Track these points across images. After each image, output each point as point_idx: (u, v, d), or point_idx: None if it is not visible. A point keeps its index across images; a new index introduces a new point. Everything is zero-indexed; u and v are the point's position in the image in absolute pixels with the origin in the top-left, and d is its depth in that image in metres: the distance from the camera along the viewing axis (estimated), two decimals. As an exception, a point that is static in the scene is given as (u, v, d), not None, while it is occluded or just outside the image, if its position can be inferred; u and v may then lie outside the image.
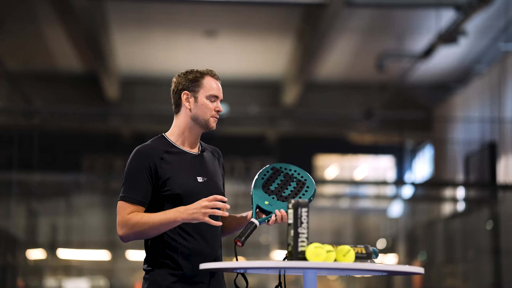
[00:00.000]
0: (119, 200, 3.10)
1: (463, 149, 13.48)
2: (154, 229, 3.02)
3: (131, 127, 15.29)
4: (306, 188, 3.16)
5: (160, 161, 3.11)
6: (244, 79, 14.51)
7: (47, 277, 14.11)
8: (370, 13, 11.39)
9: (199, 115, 3.20)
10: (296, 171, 3.21)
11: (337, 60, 13.33)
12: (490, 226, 11.89)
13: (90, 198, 14.41)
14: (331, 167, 16.75)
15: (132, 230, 3.03)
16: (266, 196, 3.16)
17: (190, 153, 3.21)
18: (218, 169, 3.28)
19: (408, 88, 14.21)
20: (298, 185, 3.17)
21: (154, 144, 3.17)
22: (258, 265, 2.77)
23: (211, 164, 3.25)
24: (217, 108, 3.22)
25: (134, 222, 3.03)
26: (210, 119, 3.21)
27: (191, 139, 3.22)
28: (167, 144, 3.18)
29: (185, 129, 3.21)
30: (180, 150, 3.18)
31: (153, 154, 3.12)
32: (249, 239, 3.16)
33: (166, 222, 3.01)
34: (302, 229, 2.78)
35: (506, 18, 11.10)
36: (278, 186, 3.17)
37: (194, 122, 3.20)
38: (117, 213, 3.09)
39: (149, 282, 3.10)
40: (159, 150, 3.13)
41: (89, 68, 13.72)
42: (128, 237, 3.06)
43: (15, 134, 12.80)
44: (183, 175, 3.13)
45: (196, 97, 3.20)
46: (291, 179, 3.19)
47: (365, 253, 2.85)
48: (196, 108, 3.20)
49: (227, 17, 11.88)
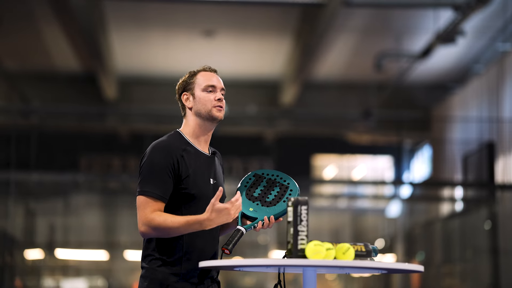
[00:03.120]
0: (139, 195, 3.07)
1: (461, 149, 13.48)
2: (175, 233, 3.04)
3: (129, 127, 15.28)
4: (289, 192, 3.18)
5: (181, 159, 3.12)
6: (242, 79, 14.51)
7: (45, 277, 14.09)
8: (368, 13, 11.39)
9: (201, 108, 3.22)
10: (279, 175, 3.22)
11: (335, 60, 13.33)
12: (488, 226, 11.89)
13: (88, 198, 14.39)
14: (329, 167, 16.75)
15: (154, 230, 3.03)
16: (250, 203, 3.17)
17: (204, 154, 3.23)
18: (221, 172, 3.32)
19: (406, 88, 14.21)
20: (281, 189, 3.19)
21: (173, 141, 3.17)
22: (258, 263, 2.77)
23: (218, 166, 3.29)
24: (216, 97, 3.23)
25: (157, 224, 3.02)
26: (212, 109, 3.22)
27: (203, 138, 3.24)
28: (184, 142, 3.19)
29: (195, 127, 3.23)
30: (196, 150, 3.20)
31: (175, 151, 3.13)
32: (247, 239, 3.17)
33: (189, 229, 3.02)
34: (301, 227, 2.78)
35: (504, 18, 11.10)
36: (262, 192, 3.19)
37: (199, 118, 3.22)
38: (138, 208, 3.07)
39: (149, 280, 3.09)
40: (179, 148, 3.14)
41: (87, 68, 13.71)
42: (149, 235, 3.07)
43: (13, 134, 12.79)
44: (199, 176, 3.15)
45: (194, 94, 3.24)
46: (274, 184, 3.20)
47: (365, 251, 2.85)
48: (196, 104, 3.23)
49: (225, 17, 11.88)
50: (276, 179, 3.22)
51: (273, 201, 3.16)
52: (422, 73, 13.44)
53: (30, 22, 11.91)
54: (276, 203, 3.17)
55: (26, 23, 11.91)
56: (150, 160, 3.11)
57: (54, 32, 12.07)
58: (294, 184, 3.21)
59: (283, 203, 3.16)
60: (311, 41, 11.82)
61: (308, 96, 14.66)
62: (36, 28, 12.12)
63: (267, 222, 3.13)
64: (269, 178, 3.22)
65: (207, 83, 3.24)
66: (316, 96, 14.82)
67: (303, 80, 13.77)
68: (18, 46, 12.88)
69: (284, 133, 15.78)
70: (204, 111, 3.21)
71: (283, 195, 3.18)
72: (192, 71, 3.29)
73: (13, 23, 11.84)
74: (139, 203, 3.07)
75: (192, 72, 3.29)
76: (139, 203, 3.07)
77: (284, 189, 3.19)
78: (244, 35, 12.70)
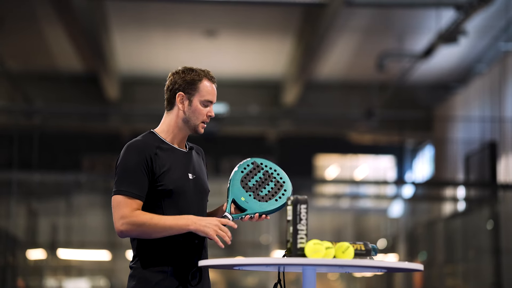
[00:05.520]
0: (115, 195, 3.05)
1: (464, 149, 13.47)
2: (161, 233, 3.02)
3: (131, 127, 15.28)
4: (283, 192, 3.16)
5: (155, 156, 3.11)
6: (244, 79, 14.51)
7: (47, 277, 14.09)
8: (370, 13, 11.39)
9: (191, 119, 3.20)
10: (276, 170, 3.20)
11: (337, 60, 13.33)
12: (491, 225, 11.88)
13: (91, 198, 14.40)
14: (332, 167, 16.75)
15: (137, 228, 3.01)
16: (243, 192, 3.15)
17: (180, 150, 3.21)
18: (204, 168, 3.30)
19: (409, 88, 14.20)
20: (276, 186, 3.17)
21: (147, 139, 3.17)
22: (257, 262, 2.77)
23: (198, 162, 3.27)
24: (209, 113, 3.21)
25: (142, 222, 3.01)
26: (199, 125, 3.21)
27: (179, 137, 3.22)
28: (158, 140, 3.18)
29: (175, 128, 3.21)
30: (171, 147, 3.19)
31: (148, 149, 3.12)
32: (249, 239, 3.18)
33: (176, 228, 3.01)
34: (301, 226, 2.78)
35: (506, 18, 11.10)
36: (257, 184, 3.16)
37: (184, 124, 3.20)
38: (114, 208, 3.05)
39: (137, 279, 3.08)
40: (152, 146, 3.13)
41: (89, 68, 13.72)
42: (130, 234, 3.04)
43: (15, 134, 12.79)
44: (175, 171, 3.13)
45: (191, 101, 3.20)
46: (270, 179, 3.18)
47: (364, 250, 2.84)
48: (189, 112, 3.20)
49: (227, 17, 11.88)
50: (273, 174, 3.19)
51: (265, 197, 3.15)
52: (424, 73, 13.43)
53: (32, 23, 11.92)
54: (268, 200, 3.16)
55: (28, 23, 11.93)
56: (124, 160, 3.11)
57: (57, 32, 12.08)
58: (289, 185, 3.19)
59: (275, 201, 3.15)
60: (313, 41, 11.82)
61: (310, 96, 14.66)
62: (39, 29, 12.13)
63: (257, 217, 3.13)
64: (266, 170, 3.19)
65: (208, 97, 3.20)
66: (318, 96, 14.82)
67: (305, 80, 13.77)
68: (20, 47, 12.89)
69: (286, 133, 15.78)
70: (193, 122, 3.19)
71: (276, 193, 3.16)
72: (195, 72, 3.22)
73: (16, 23, 11.86)
74: (115, 202, 3.05)
75: (196, 75, 3.21)
76: (115, 202, 3.05)
77: (279, 187, 3.17)
78: (246, 35, 12.70)
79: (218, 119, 13.09)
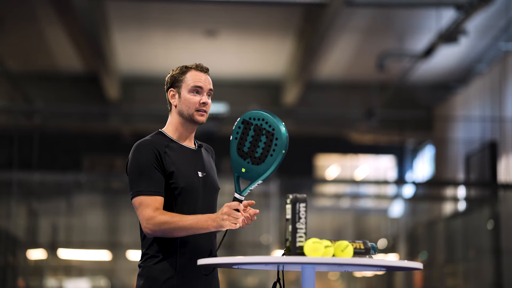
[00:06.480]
0: (136, 196, 3.05)
1: (464, 149, 13.46)
2: (183, 231, 3.01)
3: (132, 127, 15.28)
4: (275, 141, 3.03)
5: (164, 155, 3.11)
6: (245, 78, 14.51)
7: (47, 277, 14.09)
8: (370, 13, 11.39)
9: (184, 110, 3.19)
10: (264, 119, 3.07)
11: (338, 60, 13.32)
12: (491, 225, 11.87)
13: (91, 198, 14.39)
14: (332, 167, 16.74)
15: (160, 228, 3.01)
16: (241, 161, 3.08)
17: (189, 148, 3.21)
18: (213, 165, 3.29)
19: (409, 88, 14.20)
20: (268, 138, 3.04)
21: (155, 138, 3.17)
22: (255, 261, 2.76)
23: (207, 159, 3.26)
24: (202, 100, 3.19)
25: (163, 221, 3.00)
26: (194, 113, 3.19)
27: (186, 134, 3.22)
28: (166, 139, 3.18)
29: (178, 125, 3.21)
30: (179, 145, 3.19)
31: (157, 147, 3.11)
32: (249, 239, 3.16)
33: (196, 227, 3.00)
34: (300, 224, 2.77)
35: (506, 18, 11.09)
36: (251, 146, 3.07)
37: (182, 118, 3.20)
38: (137, 209, 3.04)
39: (145, 278, 3.08)
40: (161, 145, 3.13)
41: (90, 68, 13.72)
42: (155, 234, 3.04)
43: (15, 134, 12.79)
44: (185, 169, 3.13)
45: (180, 93, 3.21)
46: (260, 133, 3.06)
47: (364, 249, 2.84)
48: (180, 104, 3.20)
49: (227, 16, 11.88)
50: (262, 125, 3.06)
51: (261, 157, 3.04)
52: (424, 72, 13.43)
53: (32, 23, 11.92)
54: (264, 159, 3.04)
55: (28, 23, 11.93)
56: (135, 160, 3.09)
57: (57, 32, 12.08)
58: (279, 130, 3.04)
59: (270, 157, 3.03)
60: (313, 41, 11.81)
61: (310, 96, 14.65)
62: (39, 29, 12.13)
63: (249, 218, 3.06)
64: (255, 124, 3.07)
65: (194, 83, 3.20)
66: (318, 96, 14.82)
67: (306, 80, 13.77)
68: (20, 47, 12.89)
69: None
70: (187, 113, 3.19)
71: (270, 146, 3.03)
72: (184, 66, 3.26)
73: (16, 23, 11.86)
74: (137, 204, 3.05)
75: (184, 68, 3.25)
76: (137, 204, 3.05)
77: (271, 138, 3.04)
78: (246, 35, 12.70)
79: (218, 119, 13.09)
